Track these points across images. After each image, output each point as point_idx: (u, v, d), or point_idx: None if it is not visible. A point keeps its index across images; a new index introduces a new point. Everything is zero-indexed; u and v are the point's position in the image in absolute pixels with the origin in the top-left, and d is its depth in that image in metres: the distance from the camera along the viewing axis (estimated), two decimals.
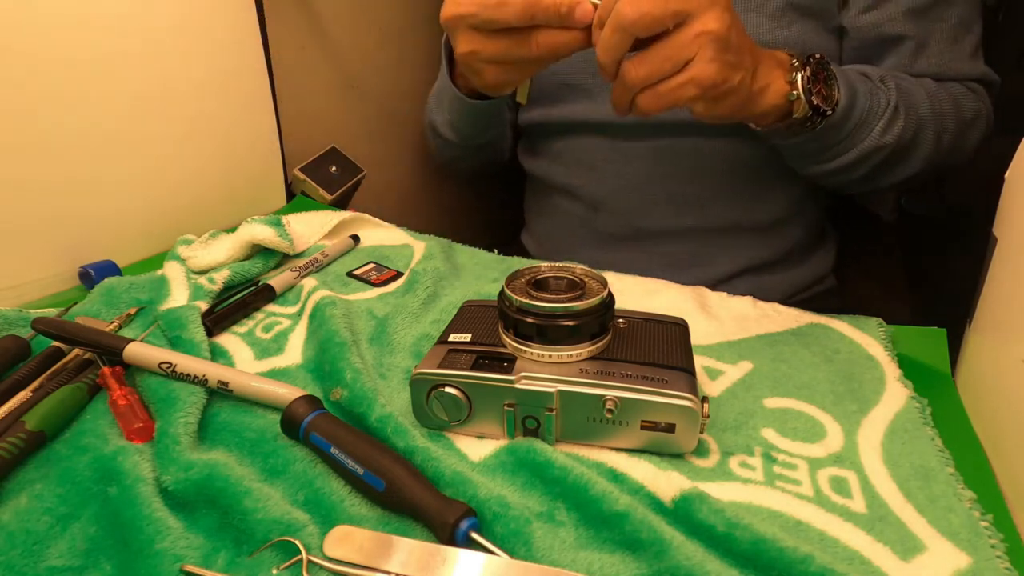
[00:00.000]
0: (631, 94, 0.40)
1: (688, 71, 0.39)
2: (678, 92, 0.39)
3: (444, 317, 0.49)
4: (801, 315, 0.50)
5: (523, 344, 0.36)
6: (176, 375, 0.40)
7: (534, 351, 0.36)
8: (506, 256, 0.61)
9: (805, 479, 0.34)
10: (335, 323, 0.45)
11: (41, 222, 0.52)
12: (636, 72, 0.39)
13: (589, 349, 0.36)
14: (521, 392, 0.35)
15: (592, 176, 0.68)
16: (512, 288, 0.37)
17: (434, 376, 0.35)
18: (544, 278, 0.39)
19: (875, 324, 0.48)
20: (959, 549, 0.30)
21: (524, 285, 0.38)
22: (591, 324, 0.36)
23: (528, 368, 0.35)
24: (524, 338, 0.36)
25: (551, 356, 0.35)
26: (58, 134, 0.51)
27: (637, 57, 0.39)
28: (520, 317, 0.36)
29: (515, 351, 0.36)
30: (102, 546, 0.31)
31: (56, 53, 0.50)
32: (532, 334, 0.36)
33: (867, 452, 0.36)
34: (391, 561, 0.29)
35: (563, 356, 0.35)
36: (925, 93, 0.55)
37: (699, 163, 0.64)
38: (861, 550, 0.30)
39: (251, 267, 0.54)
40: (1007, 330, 0.38)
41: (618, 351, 0.37)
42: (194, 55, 0.59)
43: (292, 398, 0.37)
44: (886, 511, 0.32)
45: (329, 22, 0.82)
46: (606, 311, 0.36)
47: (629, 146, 0.65)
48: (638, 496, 0.33)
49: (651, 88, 0.39)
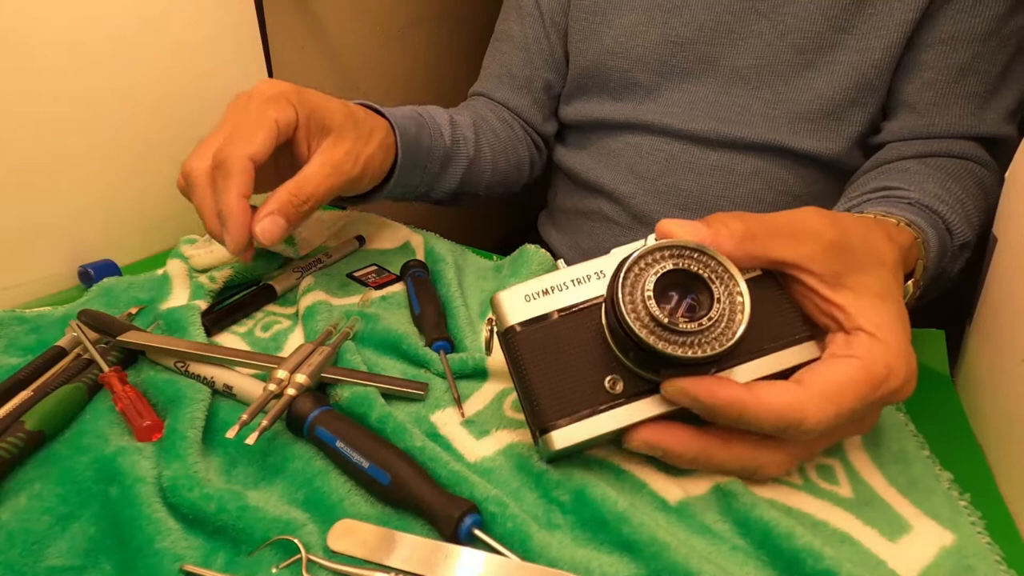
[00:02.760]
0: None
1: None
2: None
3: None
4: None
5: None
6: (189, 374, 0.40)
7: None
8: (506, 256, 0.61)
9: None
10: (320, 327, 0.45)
11: (41, 222, 0.52)
12: (721, 456, 0.32)
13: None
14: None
15: (642, 185, 0.66)
16: (632, 312, 0.29)
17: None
18: (664, 289, 0.30)
19: None
20: (943, 527, 0.31)
21: (644, 310, 0.29)
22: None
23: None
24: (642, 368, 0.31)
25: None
26: (58, 134, 0.51)
27: (722, 440, 0.32)
28: (644, 356, 0.30)
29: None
30: (102, 546, 0.31)
31: (55, 52, 0.50)
32: (656, 370, 0.31)
33: (848, 440, 0.37)
34: (393, 556, 0.30)
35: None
36: (978, 217, 0.49)
37: (754, 187, 0.62)
38: (851, 532, 0.31)
39: (254, 268, 0.54)
40: (1007, 330, 0.38)
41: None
42: (194, 55, 0.59)
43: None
44: (872, 495, 0.33)
45: (329, 22, 0.82)
46: (721, 358, 0.29)
47: (689, 158, 0.63)
48: (640, 495, 0.33)
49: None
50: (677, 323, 0.28)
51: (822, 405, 0.29)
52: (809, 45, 0.56)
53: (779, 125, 0.59)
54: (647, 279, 0.29)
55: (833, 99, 0.57)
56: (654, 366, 0.30)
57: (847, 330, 0.31)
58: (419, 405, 0.40)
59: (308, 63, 0.81)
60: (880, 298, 0.32)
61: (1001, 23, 0.52)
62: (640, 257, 0.30)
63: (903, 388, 0.31)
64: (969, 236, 0.47)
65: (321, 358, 0.40)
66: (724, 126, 0.61)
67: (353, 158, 0.47)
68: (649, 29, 0.62)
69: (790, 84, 0.58)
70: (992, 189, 0.54)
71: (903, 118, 0.56)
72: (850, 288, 0.31)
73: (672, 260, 0.30)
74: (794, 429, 0.29)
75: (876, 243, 0.34)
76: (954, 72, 0.53)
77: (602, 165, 0.69)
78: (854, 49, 0.55)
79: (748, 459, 0.32)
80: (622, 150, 0.67)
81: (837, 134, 0.58)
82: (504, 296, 0.33)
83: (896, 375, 0.30)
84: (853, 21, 0.54)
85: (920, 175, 0.50)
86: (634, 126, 0.65)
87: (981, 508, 0.33)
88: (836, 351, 0.31)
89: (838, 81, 0.56)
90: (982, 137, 0.55)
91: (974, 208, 0.49)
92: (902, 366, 0.30)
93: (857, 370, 0.30)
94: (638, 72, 0.64)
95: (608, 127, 0.68)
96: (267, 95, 0.45)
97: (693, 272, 0.29)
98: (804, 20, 0.56)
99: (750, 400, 0.29)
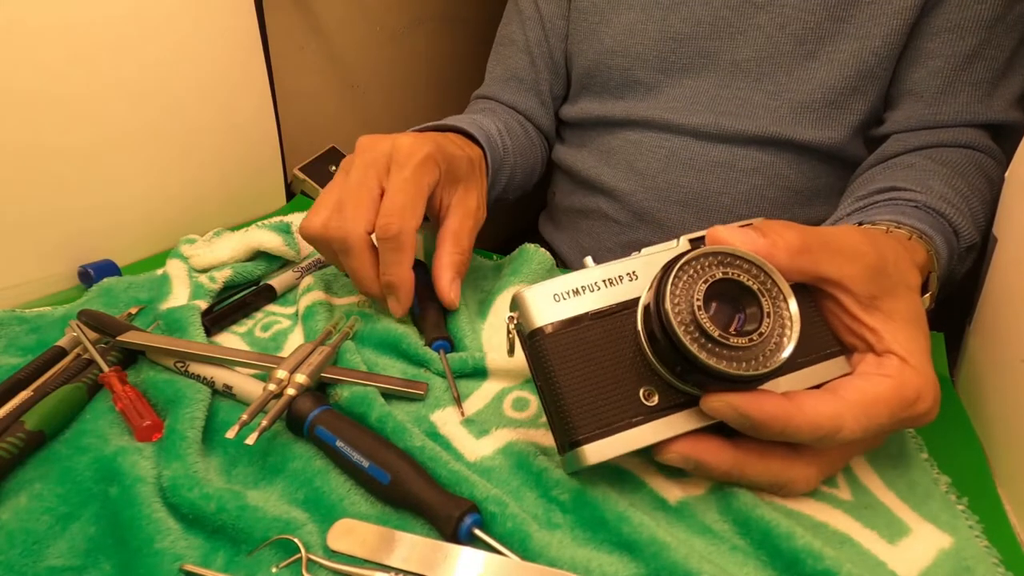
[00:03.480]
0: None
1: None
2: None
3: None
4: None
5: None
6: (188, 373, 0.40)
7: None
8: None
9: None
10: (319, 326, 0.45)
11: (41, 222, 0.52)
12: (755, 469, 0.31)
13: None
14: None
15: (642, 183, 0.65)
16: (681, 323, 0.27)
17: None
18: (708, 299, 0.28)
19: None
20: (941, 531, 0.31)
21: (693, 321, 0.27)
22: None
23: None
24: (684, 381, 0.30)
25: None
26: (57, 134, 0.51)
27: (757, 453, 0.31)
28: (690, 369, 0.28)
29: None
30: (102, 546, 0.31)
31: (55, 52, 0.50)
32: (698, 383, 0.29)
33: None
34: (393, 556, 0.30)
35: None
36: (984, 214, 0.49)
37: (756, 183, 0.62)
38: (851, 534, 0.31)
39: (254, 268, 0.54)
40: (1007, 331, 0.38)
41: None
42: (194, 55, 0.59)
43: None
44: (871, 498, 0.33)
45: (329, 22, 0.82)
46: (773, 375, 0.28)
47: (690, 154, 0.63)
48: (640, 494, 0.33)
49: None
50: (728, 337, 0.27)
51: (858, 416, 0.29)
52: (809, 35, 0.56)
53: (781, 116, 0.59)
54: (697, 287, 0.27)
55: (835, 88, 0.57)
56: (697, 380, 0.29)
57: (878, 352, 0.32)
58: (419, 405, 0.40)
59: (308, 63, 0.81)
60: (911, 324, 0.32)
61: (1007, 8, 0.52)
62: (687, 263, 0.28)
63: (929, 414, 0.31)
64: (975, 238, 0.47)
65: (321, 358, 0.40)
66: (725, 120, 0.61)
67: (481, 202, 0.51)
68: (648, 27, 0.62)
69: (792, 75, 0.58)
70: (998, 180, 0.53)
71: (909, 107, 0.56)
72: (884, 311, 0.32)
73: (722, 268, 0.28)
74: (830, 438, 0.29)
75: (905, 268, 0.34)
76: (961, 59, 0.53)
77: (602, 163, 0.69)
78: (854, 37, 0.55)
79: (780, 473, 0.31)
80: (621, 147, 0.67)
81: (839, 123, 0.58)
82: (530, 294, 0.30)
83: (924, 401, 0.31)
84: (851, 10, 0.54)
85: (926, 172, 0.50)
86: (634, 123, 0.65)
87: (979, 511, 0.33)
88: (867, 370, 0.31)
89: (839, 70, 0.56)
90: (989, 124, 0.55)
91: (980, 205, 0.49)
92: (930, 393, 0.31)
93: (891, 388, 0.30)
94: (638, 70, 0.64)
95: (608, 124, 0.68)
96: (418, 159, 0.44)
97: (743, 283, 0.28)
98: (803, 11, 0.56)
99: (796, 412, 0.29)
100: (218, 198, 0.66)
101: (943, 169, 0.50)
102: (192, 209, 0.63)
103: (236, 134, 0.65)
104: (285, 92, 0.71)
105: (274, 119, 0.69)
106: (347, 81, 0.88)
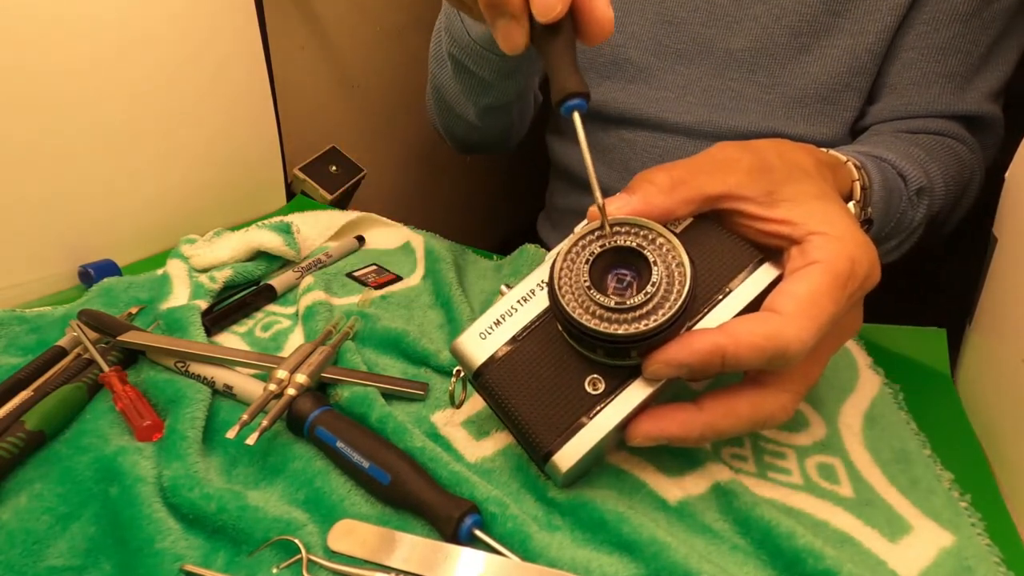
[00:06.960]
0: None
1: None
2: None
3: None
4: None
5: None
6: (189, 373, 0.40)
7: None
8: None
9: (795, 468, 0.35)
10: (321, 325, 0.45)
11: (41, 222, 0.52)
12: (726, 422, 0.31)
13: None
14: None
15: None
16: (579, 308, 0.28)
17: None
18: (602, 273, 0.30)
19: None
20: (943, 528, 0.31)
21: (589, 301, 0.28)
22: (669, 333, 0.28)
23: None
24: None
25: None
26: (57, 133, 0.51)
27: (723, 405, 0.31)
28: (609, 345, 0.29)
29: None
30: (102, 546, 0.31)
31: (55, 52, 0.50)
32: (628, 354, 0.30)
33: (849, 439, 0.37)
34: (393, 557, 0.30)
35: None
36: (944, 187, 0.50)
37: None
38: (852, 532, 0.31)
39: (254, 268, 0.54)
40: (1007, 330, 0.38)
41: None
42: (194, 55, 0.59)
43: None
44: (873, 495, 0.33)
45: (329, 22, 0.82)
46: (682, 316, 0.28)
47: (684, 155, 0.61)
48: (639, 495, 0.33)
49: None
50: (624, 302, 0.28)
51: (799, 323, 0.28)
52: (805, 28, 0.56)
53: (774, 110, 0.59)
54: (580, 270, 0.29)
55: (828, 83, 0.57)
56: (624, 352, 0.29)
57: (798, 240, 0.30)
58: (419, 405, 0.40)
59: (308, 63, 0.81)
60: (818, 199, 0.31)
61: (984, 4, 0.52)
62: (567, 252, 0.29)
63: (871, 275, 0.30)
64: (924, 182, 0.47)
65: (321, 358, 0.40)
66: (718, 115, 0.61)
67: None
68: (645, 7, 0.62)
69: (785, 68, 0.58)
70: (970, 163, 0.54)
71: (885, 100, 0.57)
72: (786, 199, 0.31)
73: (597, 242, 0.29)
74: (780, 357, 0.28)
75: (792, 156, 0.33)
76: (934, 52, 0.54)
77: (598, 162, 0.68)
78: (848, 32, 0.55)
79: (753, 415, 0.30)
80: (616, 146, 0.67)
81: (832, 119, 0.58)
82: (461, 342, 0.33)
83: (860, 264, 0.29)
84: (847, 5, 0.55)
85: (882, 137, 0.50)
86: (629, 120, 0.65)
87: (981, 509, 0.33)
88: (795, 264, 0.30)
89: (833, 65, 0.56)
90: (962, 116, 0.55)
91: (939, 171, 0.49)
92: (862, 254, 0.30)
93: (822, 274, 0.29)
94: (631, 49, 0.63)
95: (604, 120, 0.67)
96: None
97: (622, 246, 0.29)
98: (800, 3, 0.56)
99: (728, 341, 0.28)
100: (218, 198, 0.66)
101: (902, 141, 0.51)
102: (192, 209, 0.63)
103: (236, 134, 0.66)
104: (285, 92, 0.71)
105: (274, 119, 0.69)
106: (347, 81, 0.88)
